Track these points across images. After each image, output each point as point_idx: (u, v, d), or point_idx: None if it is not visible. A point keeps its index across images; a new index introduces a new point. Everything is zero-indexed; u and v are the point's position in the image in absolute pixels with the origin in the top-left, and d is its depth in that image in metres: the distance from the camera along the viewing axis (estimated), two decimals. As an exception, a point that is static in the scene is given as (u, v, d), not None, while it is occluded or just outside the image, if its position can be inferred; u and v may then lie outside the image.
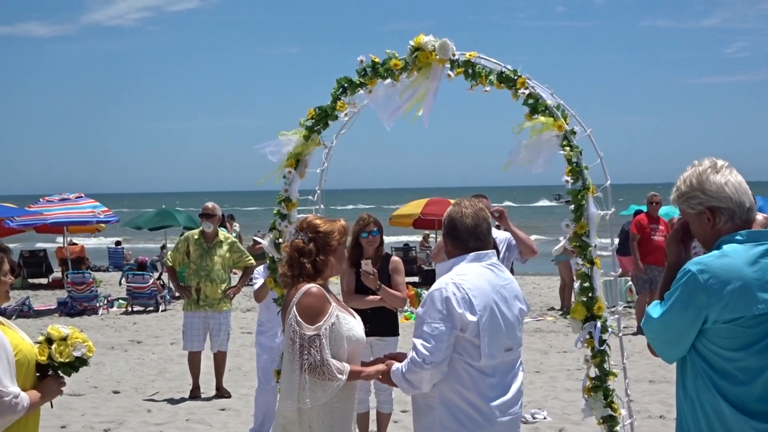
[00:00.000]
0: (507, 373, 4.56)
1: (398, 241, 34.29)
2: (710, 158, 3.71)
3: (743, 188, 3.62)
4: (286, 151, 6.36)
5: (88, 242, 37.59)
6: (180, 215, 27.01)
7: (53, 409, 9.16)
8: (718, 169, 3.63)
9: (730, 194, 3.58)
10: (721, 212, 3.60)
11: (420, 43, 5.87)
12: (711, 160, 3.69)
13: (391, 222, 26.62)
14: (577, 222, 5.65)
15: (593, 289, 5.67)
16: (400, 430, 9.00)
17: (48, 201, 23.84)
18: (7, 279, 4.49)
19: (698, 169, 3.67)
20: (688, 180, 3.67)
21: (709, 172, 3.63)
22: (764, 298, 3.42)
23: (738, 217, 3.59)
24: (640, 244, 15.06)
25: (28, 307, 19.67)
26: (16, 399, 4.24)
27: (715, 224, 3.62)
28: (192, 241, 10.99)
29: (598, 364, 5.69)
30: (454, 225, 4.66)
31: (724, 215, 3.60)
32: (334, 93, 6.19)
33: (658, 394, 10.39)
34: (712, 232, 3.63)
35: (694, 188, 3.64)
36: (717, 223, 3.62)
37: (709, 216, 3.62)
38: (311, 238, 4.81)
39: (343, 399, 4.73)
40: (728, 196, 3.58)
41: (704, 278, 3.45)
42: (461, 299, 4.38)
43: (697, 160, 3.74)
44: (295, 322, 4.62)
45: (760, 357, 3.43)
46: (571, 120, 5.72)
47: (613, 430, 5.71)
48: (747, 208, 3.61)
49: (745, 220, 3.60)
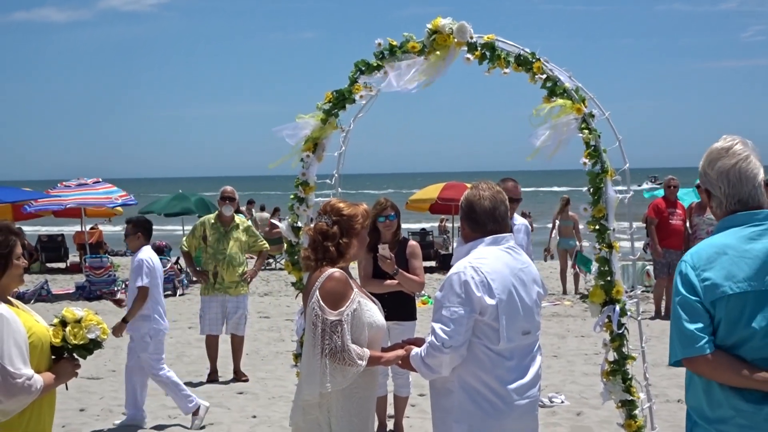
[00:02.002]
0: (525, 357, 4.54)
1: (415, 227, 34.28)
2: (735, 139, 3.69)
3: (742, 181, 3.60)
4: (304, 134, 6.34)
5: (106, 227, 37.65)
6: (194, 198, 27.05)
7: (72, 392, 9.25)
8: (730, 155, 3.62)
9: (720, 184, 3.62)
10: (713, 197, 3.67)
11: (438, 26, 5.84)
12: (732, 142, 3.67)
13: (408, 206, 26.58)
14: (596, 205, 5.62)
15: (612, 273, 5.64)
16: (417, 413, 9.00)
17: (65, 186, 23.90)
18: (20, 262, 4.50)
19: (717, 145, 3.69)
20: (705, 156, 3.71)
21: (718, 155, 3.64)
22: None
23: (725, 207, 3.63)
24: (658, 228, 15.00)
25: (46, 291, 19.77)
26: (29, 381, 4.25)
27: (710, 206, 3.73)
28: (208, 226, 11.01)
29: (616, 347, 5.66)
30: (472, 208, 4.63)
31: (714, 201, 3.67)
32: (352, 76, 6.16)
33: (676, 379, 10.34)
34: (712, 211, 3.73)
35: (703, 166, 3.70)
36: (712, 206, 3.72)
37: (707, 196, 3.73)
38: (335, 221, 4.79)
39: (362, 384, 4.72)
40: (719, 186, 3.62)
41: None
42: (480, 283, 4.36)
43: (728, 136, 3.72)
44: (318, 306, 4.61)
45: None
46: (590, 103, 5.68)
47: (631, 414, 5.69)
48: (737, 200, 3.61)
49: (732, 210, 3.61)
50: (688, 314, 3.50)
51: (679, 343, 3.54)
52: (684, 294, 3.53)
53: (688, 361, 3.53)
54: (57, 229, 33.78)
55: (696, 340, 3.47)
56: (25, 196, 22.97)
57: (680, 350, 3.53)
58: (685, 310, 3.51)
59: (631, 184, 5.86)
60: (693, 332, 3.48)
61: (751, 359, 3.45)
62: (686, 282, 3.54)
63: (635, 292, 6.35)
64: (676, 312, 3.55)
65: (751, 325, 3.44)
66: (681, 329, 3.52)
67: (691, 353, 3.49)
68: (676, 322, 3.56)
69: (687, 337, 3.50)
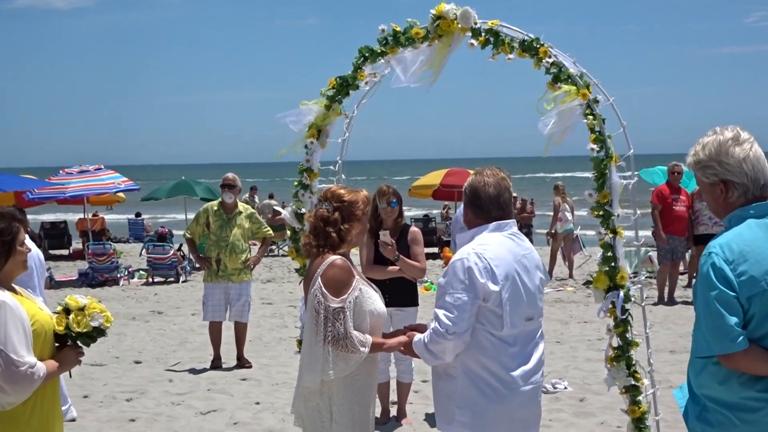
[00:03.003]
0: (528, 343, 4.54)
1: (418, 213, 34.27)
2: (734, 128, 3.66)
3: (761, 165, 3.59)
4: (308, 121, 6.33)
5: (109, 214, 37.71)
6: (199, 186, 27.02)
7: (75, 378, 9.27)
8: (740, 142, 3.59)
9: (746, 170, 3.56)
10: (735, 186, 3.59)
11: (441, 12, 5.81)
12: (735, 131, 3.64)
13: (411, 193, 26.59)
14: (600, 191, 5.61)
15: (616, 259, 5.63)
16: (420, 399, 9.02)
17: (68, 173, 23.89)
18: (23, 249, 4.50)
19: (719, 138, 3.62)
20: (707, 148, 3.63)
21: (730, 144, 3.59)
22: None
23: (751, 193, 3.58)
24: (661, 214, 14.99)
25: (49, 278, 19.78)
26: (32, 369, 4.25)
27: (727, 197, 3.62)
28: (211, 213, 11.00)
29: (620, 333, 5.66)
30: (476, 194, 4.62)
31: (737, 190, 3.59)
32: (356, 62, 6.15)
33: (679, 365, 10.35)
34: (724, 204, 3.64)
35: (712, 158, 3.61)
36: (729, 197, 3.61)
37: (722, 188, 3.62)
38: (336, 208, 4.79)
39: (363, 372, 4.72)
40: (744, 172, 3.56)
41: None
42: (483, 269, 4.35)
43: (720, 128, 3.68)
44: (320, 293, 4.61)
45: None
46: (594, 89, 5.66)
47: (635, 399, 5.69)
48: (762, 185, 3.58)
49: (758, 196, 3.58)
50: (726, 309, 3.43)
51: (715, 339, 3.47)
52: (721, 288, 3.44)
53: (726, 358, 3.47)
54: (60, 216, 33.83)
55: (735, 336, 3.42)
56: (28, 184, 22.96)
57: (717, 346, 3.47)
58: (723, 305, 3.43)
59: (635, 170, 5.85)
60: (732, 328, 3.42)
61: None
62: (722, 276, 3.45)
63: (639, 278, 6.34)
64: (712, 306, 3.46)
65: None
66: (718, 325, 3.44)
67: (730, 349, 3.43)
68: (711, 317, 3.47)
69: (725, 333, 3.43)
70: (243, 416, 8.65)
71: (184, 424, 8.42)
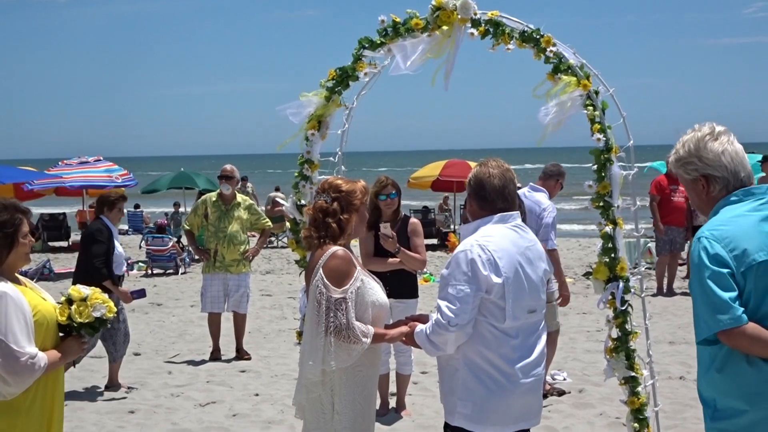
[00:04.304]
0: (530, 335, 4.54)
1: (417, 204, 34.27)
2: (710, 124, 3.73)
3: (739, 157, 3.65)
4: (307, 112, 6.33)
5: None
6: (199, 178, 27.00)
7: (75, 370, 9.28)
8: (716, 136, 3.65)
9: (725, 163, 3.61)
10: (716, 180, 3.64)
11: (441, 3, 5.80)
12: (711, 126, 3.71)
13: (410, 184, 26.57)
14: (600, 182, 5.61)
15: (616, 250, 5.64)
16: (419, 391, 9.03)
17: (67, 164, 23.89)
18: (26, 241, 4.49)
19: (697, 134, 3.69)
20: (686, 145, 3.70)
21: (707, 140, 3.65)
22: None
23: (732, 186, 3.62)
24: (660, 205, 15.01)
25: (48, 270, 19.79)
26: (33, 359, 4.25)
27: (709, 191, 3.67)
28: (210, 204, 11.00)
29: (620, 324, 5.67)
30: (481, 185, 4.61)
31: (719, 183, 3.63)
32: (355, 53, 6.14)
33: (678, 356, 10.38)
34: (707, 198, 3.68)
35: (692, 154, 3.67)
36: (711, 191, 3.66)
37: (703, 183, 3.67)
38: (334, 198, 4.79)
39: (365, 363, 4.72)
40: (724, 165, 3.62)
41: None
42: (486, 261, 4.35)
43: (698, 125, 3.76)
44: (321, 284, 4.60)
45: None
46: (594, 80, 5.66)
47: (634, 390, 5.70)
48: (741, 177, 3.63)
49: (738, 188, 3.61)
50: (720, 286, 3.42)
51: (712, 318, 3.44)
52: (713, 268, 3.43)
53: (726, 334, 3.43)
54: (59, 208, 33.80)
55: (732, 311, 3.39)
56: (26, 176, 22.95)
57: (714, 323, 3.43)
58: (716, 283, 3.42)
59: (635, 161, 5.85)
60: (728, 302, 3.40)
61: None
62: (713, 257, 3.45)
63: (638, 269, 6.34)
64: (706, 286, 3.44)
65: None
66: (714, 302, 3.42)
67: (729, 325, 3.40)
68: (706, 296, 3.45)
69: (722, 309, 3.40)
70: (242, 408, 8.66)
71: (184, 416, 8.42)
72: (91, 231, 9.29)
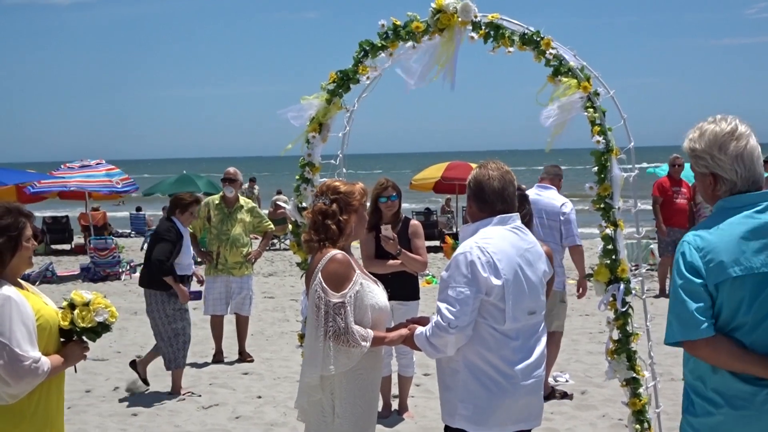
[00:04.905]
0: (530, 337, 4.55)
1: (419, 207, 34.26)
2: (733, 120, 3.61)
3: (753, 162, 3.56)
4: (309, 115, 6.34)
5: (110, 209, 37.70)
6: (201, 180, 27.00)
7: (78, 373, 9.28)
8: (737, 136, 3.55)
9: (737, 168, 3.54)
10: (724, 182, 3.58)
11: (441, 5, 5.81)
12: (733, 123, 3.59)
13: (412, 186, 26.59)
14: (601, 184, 5.62)
15: (617, 252, 5.64)
16: (422, 393, 9.03)
17: (69, 167, 23.91)
18: (29, 245, 4.50)
19: (716, 130, 3.57)
20: (704, 138, 3.59)
21: (726, 138, 3.55)
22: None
23: (737, 189, 3.56)
24: (662, 206, 14.99)
25: (51, 272, 19.81)
26: (36, 363, 4.26)
27: (715, 189, 3.62)
28: (213, 207, 11.01)
29: (620, 326, 5.67)
30: (481, 187, 4.62)
31: (725, 185, 3.58)
32: (356, 56, 6.15)
33: (680, 357, 10.19)
34: (712, 194, 3.64)
35: (706, 150, 3.58)
36: (717, 189, 3.61)
37: (711, 180, 3.61)
38: (333, 200, 4.79)
39: (367, 366, 4.72)
40: (735, 170, 3.54)
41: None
42: (486, 263, 4.36)
43: (720, 117, 3.63)
44: (320, 288, 4.60)
45: None
46: (594, 81, 5.67)
47: (636, 392, 5.71)
48: (751, 181, 3.56)
49: (744, 191, 3.55)
50: (691, 297, 3.44)
51: (678, 325, 3.49)
52: (687, 277, 3.46)
53: (689, 344, 3.50)
54: (61, 211, 33.82)
55: (698, 322, 3.42)
56: (28, 177, 22.97)
57: (680, 332, 3.49)
58: (687, 292, 3.45)
59: (636, 163, 5.85)
60: (694, 314, 3.43)
61: (749, 343, 3.42)
62: (689, 265, 3.47)
63: (640, 271, 6.35)
64: (677, 293, 3.49)
65: (752, 308, 3.40)
66: (681, 311, 3.47)
67: (692, 336, 3.45)
68: (676, 303, 3.50)
69: (688, 319, 3.45)
70: (245, 410, 8.67)
71: (186, 419, 8.44)
72: (160, 230, 9.34)
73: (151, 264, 9.11)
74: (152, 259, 9.08)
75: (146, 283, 9.27)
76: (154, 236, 9.42)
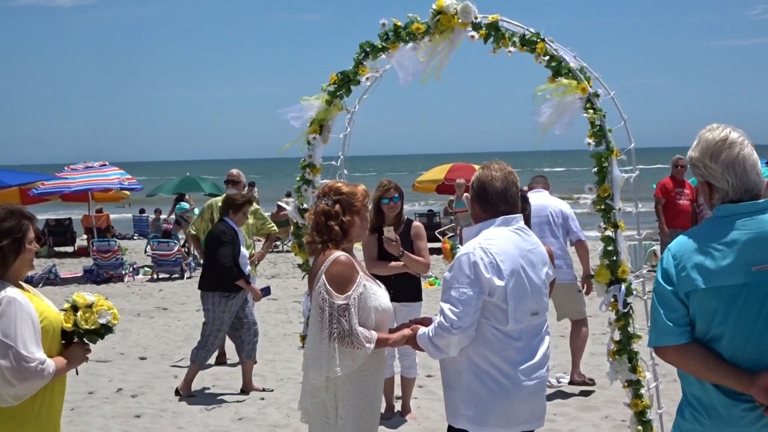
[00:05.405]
0: (533, 338, 4.55)
1: (422, 208, 34.27)
2: (726, 128, 3.61)
3: (745, 170, 3.54)
4: (309, 116, 6.35)
5: (113, 211, 37.73)
6: (204, 183, 27.02)
7: (81, 375, 9.29)
8: (729, 144, 3.54)
9: (728, 178, 3.54)
10: (717, 190, 3.59)
11: (442, 7, 5.82)
12: (725, 132, 3.59)
13: (415, 188, 26.62)
14: (601, 185, 5.63)
15: (617, 253, 5.65)
16: (424, 394, 9.04)
17: (73, 169, 23.91)
18: (32, 247, 4.51)
19: (709, 138, 3.59)
20: (699, 147, 3.61)
21: (718, 147, 3.55)
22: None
23: (729, 198, 3.56)
24: (665, 208, 14.96)
25: (54, 275, 19.83)
26: (42, 365, 4.27)
27: (711, 197, 3.63)
28: (216, 209, 10.99)
29: (621, 327, 5.68)
30: (484, 188, 4.63)
31: (718, 193, 3.59)
32: (357, 58, 6.16)
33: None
34: (710, 203, 3.66)
35: (699, 159, 3.61)
36: (712, 197, 3.63)
37: (707, 188, 3.64)
38: (336, 201, 4.79)
39: (370, 368, 4.72)
40: (726, 179, 3.55)
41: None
42: (489, 264, 4.37)
43: (716, 125, 3.65)
44: (324, 290, 4.61)
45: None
46: (594, 82, 5.68)
47: (638, 393, 5.71)
48: (744, 190, 3.55)
49: (736, 200, 3.54)
50: (662, 303, 3.50)
51: (652, 331, 3.56)
52: (661, 283, 3.52)
53: (658, 350, 3.56)
54: (64, 213, 33.85)
55: (666, 329, 3.47)
56: (32, 179, 22.98)
57: (653, 338, 3.56)
58: (660, 299, 3.51)
59: (636, 164, 5.86)
60: (664, 322, 3.47)
61: (729, 355, 3.41)
62: (665, 272, 3.52)
63: (641, 272, 6.36)
64: (653, 299, 3.56)
65: (728, 319, 3.39)
66: (655, 317, 3.53)
67: (660, 342, 3.51)
68: (652, 308, 3.57)
69: (658, 325, 3.50)
70: (248, 411, 8.68)
71: (189, 420, 8.45)
72: (216, 233, 9.31)
73: (218, 269, 9.10)
74: (220, 264, 9.07)
75: (210, 287, 9.27)
76: (211, 240, 9.35)
